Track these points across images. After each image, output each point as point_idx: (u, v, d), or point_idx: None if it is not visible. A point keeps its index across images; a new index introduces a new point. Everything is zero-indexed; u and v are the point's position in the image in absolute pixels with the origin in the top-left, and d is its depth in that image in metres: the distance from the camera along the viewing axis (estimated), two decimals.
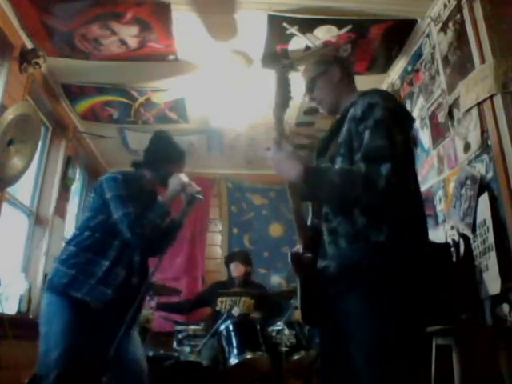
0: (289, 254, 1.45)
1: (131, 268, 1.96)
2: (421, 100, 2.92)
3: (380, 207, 1.28)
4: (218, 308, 3.56)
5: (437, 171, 2.68)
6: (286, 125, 1.45)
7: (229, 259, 3.93)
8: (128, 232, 1.87)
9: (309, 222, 1.47)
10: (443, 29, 2.61)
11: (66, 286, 1.84)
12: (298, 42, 2.94)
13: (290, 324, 3.12)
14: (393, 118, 1.33)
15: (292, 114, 3.88)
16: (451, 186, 2.47)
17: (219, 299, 3.61)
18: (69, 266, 1.88)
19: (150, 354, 2.81)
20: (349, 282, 1.29)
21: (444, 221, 2.56)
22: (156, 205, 2.01)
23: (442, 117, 2.62)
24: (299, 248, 1.45)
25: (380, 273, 1.25)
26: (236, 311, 3.12)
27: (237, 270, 3.76)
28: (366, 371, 1.23)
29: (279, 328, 3.05)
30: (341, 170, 1.28)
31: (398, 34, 2.92)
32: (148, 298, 3.07)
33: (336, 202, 1.34)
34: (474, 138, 2.26)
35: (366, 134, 1.29)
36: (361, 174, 1.23)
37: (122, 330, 1.84)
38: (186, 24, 2.79)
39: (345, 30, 2.83)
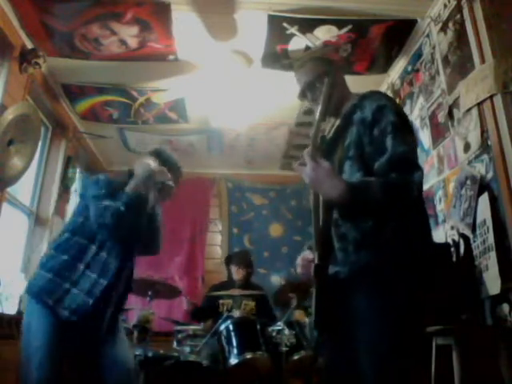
0: (313, 266, 1.39)
1: (104, 272, 1.88)
2: (421, 100, 2.92)
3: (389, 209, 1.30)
4: (220, 310, 3.55)
5: (437, 171, 2.68)
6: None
7: (229, 261, 3.91)
8: (95, 227, 1.84)
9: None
10: (443, 29, 2.61)
11: (41, 290, 1.81)
12: (298, 42, 2.94)
13: (290, 324, 3.12)
14: (403, 119, 1.37)
15: (292, 114, 3.88)
16: (451, 186, 2.47)
17: (220, 301, 3.60)
18: (46, 269, 1.85)
19: (150, 354, 2.81)
20: (358, 284, 1.30)
21: (444, 221, 2.55)
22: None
23: (442, 117, 2.62)
24: (312, 254, 1.45)
25: (387, 271, 1.26)
26: (237, 314, 3.11)
27: (238, 273, 3.74)
28: (372, 369, 1.23)
29: (279, 328, 3.05)
30: (381, 186, 1.25)
31: (398, 34, 2.92)
32: (148, 299, 3.07)
33: (374, 214, 1.32)
34: (474, 138, 2.26)
35: (388, 141, 1.30)
36: (399, 186, 1.25)
37: (102, 335, 1.85)
38: (186, 24, 2.79)
39: (345, 30, 2.83)
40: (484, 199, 2.12)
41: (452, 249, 2.32)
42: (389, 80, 3.38)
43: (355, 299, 1.30)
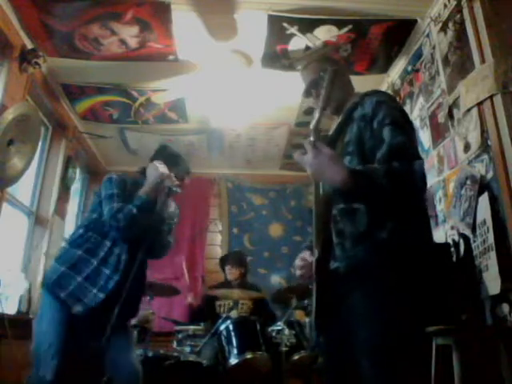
0: (314, 260, 1.36)
1: (117, 268, 1.95)
2: (421, 100, 2.92)
3: (386, 205, 1.29)
4: (217, 311, 3.55)
5: (437, 171, 2.68)
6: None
7: (223, 262, 3.91)
8: (108, 226, 1.93)
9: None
10: (443, 29, 2.61)
11: (55, 283, 1.89)
12: (298, 42, 2.94)
13: (290, 324, 3.12)
14: (401, 113, 1.41)
15: (292, 114, 3.88)
16: (451, 186, 2.47)
17: (218, 302, 3.60)
18: (60, 263, 1.94)
19: (150, 354, 2.81)
20: (355, 281, 1.30)
21: (444, 221, 2.55)
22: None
23: (442, 117, 2.62)
24: (311, 255, 1.45)
25: (384, 270, 1.25)
26: (234, 314, 3.11)
27: (231, 273, 3.75)
28: (370, 369, 1.23)
29: (279, 328, 3.05)
30: (385, 172, 1.22)
31: (398, 33, 2.91)
32: (148, 298, 3.07)
33: (380, 203, 1.29)
34: (474, 138, 2.26)
35: (385, 132, 1.31)
36: (401, 174, 1.23)
37: (108, 331, 1.83)
38: (185, 24, 2.79)
39: (345, 30, 2.83)
40: (484, 199, 2.12)
41: (452, 249, 2.32)
42: (389, 80, 3.38)
43: (353, 296, 1.30)
